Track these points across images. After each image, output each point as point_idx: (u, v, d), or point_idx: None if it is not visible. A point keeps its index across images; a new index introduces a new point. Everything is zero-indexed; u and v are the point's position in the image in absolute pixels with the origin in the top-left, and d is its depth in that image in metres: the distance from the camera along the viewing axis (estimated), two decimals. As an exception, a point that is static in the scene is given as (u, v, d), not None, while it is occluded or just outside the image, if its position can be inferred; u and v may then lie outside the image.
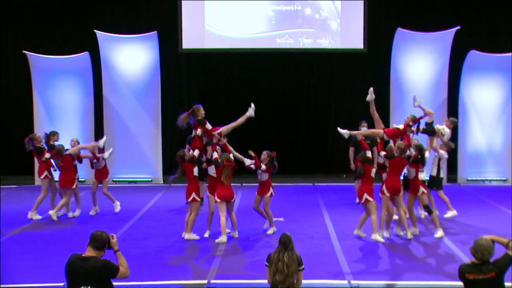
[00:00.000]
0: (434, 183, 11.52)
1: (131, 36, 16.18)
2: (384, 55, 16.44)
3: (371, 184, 10.16)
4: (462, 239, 10.01)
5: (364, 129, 12.46)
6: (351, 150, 13.03)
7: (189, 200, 10.12)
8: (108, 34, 16.18)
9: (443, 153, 11.47)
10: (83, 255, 5.33)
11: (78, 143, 12.35)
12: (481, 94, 16.24)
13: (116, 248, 5.48)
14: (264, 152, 10.50)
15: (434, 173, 11.54)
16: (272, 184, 10.64)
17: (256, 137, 17.32)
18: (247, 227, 10.70)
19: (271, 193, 10.47)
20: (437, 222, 10.33)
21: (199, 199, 10.21)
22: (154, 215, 12.22)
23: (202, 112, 10.46)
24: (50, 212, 11.63)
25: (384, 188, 10.15)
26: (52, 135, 12.05)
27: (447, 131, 11.86)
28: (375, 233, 9.91)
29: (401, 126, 10.83)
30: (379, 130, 10.89)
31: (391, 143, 10.53)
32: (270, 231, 10.49)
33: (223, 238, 9.89)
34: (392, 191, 10.07)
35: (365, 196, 10.02)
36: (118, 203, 12.27)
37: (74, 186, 11.70)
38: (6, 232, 10.64)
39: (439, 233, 10.18)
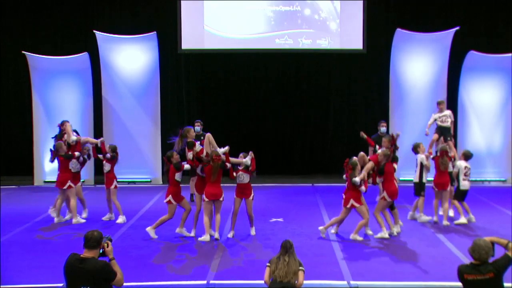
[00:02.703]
0: (418, 187, 11.50)
1: (130, 36, 16.19)
2: (383, 56, 16.46)
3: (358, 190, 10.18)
4: (461, 239, 10.03)
5: (383, 129, 13.00)
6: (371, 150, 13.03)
7: (166, 200, 10.17)
8: (108, 34, 16.19)
9: (423, 158, 11.48)
10: (81, 256, 5.34)
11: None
12: (480, 94, 16.24)
13: (111, 256, 5.46)
14: (241, 154, 10.36)
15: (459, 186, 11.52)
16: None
17: (255, 138, 17.35)
18: (246, 228, 10.67)
19: (253, 195, 10.39)
20: (397, 217, 10.64)
21: (175, 203, 10.15)
22: (153, 215, 12.17)
23: (192, 133, 10.48)
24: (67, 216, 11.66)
25: (385, 194, 10.33)
26: (62, 125, 11.92)
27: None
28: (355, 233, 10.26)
29: (380, 151, 10.87)
30: (369, 164, 10.73)
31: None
32: (252, 232, 10.47)
33: (206, 237, 9.98)
34: (394, 196, 10.35)
35: (352, 202, 10.07)
36: (124, 217, 11.59)
37: (65, 187, 11.42)
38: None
39: (395, 229, 10.43)
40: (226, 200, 10.37)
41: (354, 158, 10.35)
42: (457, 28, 15.78)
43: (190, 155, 10.25)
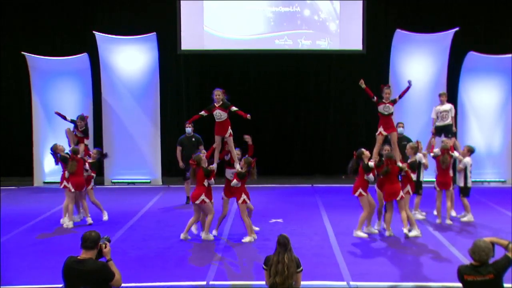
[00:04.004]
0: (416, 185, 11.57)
1: (130, 37, 16.19)
2: (383, 57, 16.45)
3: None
4: (461, 240, 10.01)
5: (400, 130, 12.65)
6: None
7: (198, 202, 10.05)
8: (107, 35, 16.19)
9: (421, 156, 11.58)
10: (79, 257, 5.34)
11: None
12: (480, 95, 16.24)
13: (108, 257, 5.46)
14: (243, 159, 10.18)
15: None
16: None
17: (255, 139, 17.30)
18: (245, 229, 10.66)
19: (244, 199, 10.09)
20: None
21: (208, 201, 10.03)
22: (153, 216, 12.21)
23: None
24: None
25: (409, 188, 10.58)
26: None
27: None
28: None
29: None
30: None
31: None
32: (245, 239, 10.11)
33: (183, 234, 10.21)
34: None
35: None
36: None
37: (61, 187, 11.48)
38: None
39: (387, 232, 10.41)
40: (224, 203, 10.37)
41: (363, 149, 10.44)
42: (457, 28, 15.78)
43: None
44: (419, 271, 8.50)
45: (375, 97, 11.10)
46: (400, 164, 10.40)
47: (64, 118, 13.34)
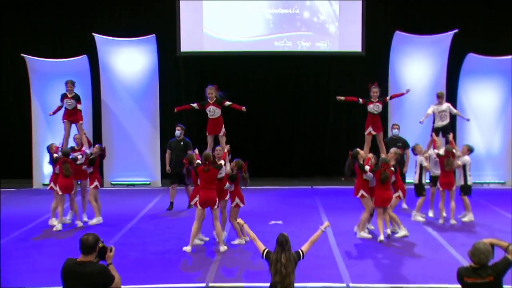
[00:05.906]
0: (418, 188, 11.71)
1: (129, 39, 16.19)
2: (382, 58, 16.44)
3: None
4: (461, 242, 10.01)
5: (395, 131, 13.09)
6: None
7: (192, 203, 10.02)
8: (107, 37, 16.19)
9: (423, 159, 11.67)
10: (78, 260, 5.32)
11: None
12: (479, 97, 16.24)
13: (110, 261, 5.43)
14: (234, 161, 9.92)
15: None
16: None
17: (255, 141, 17.35)
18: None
19: (237, 203, 9.83)
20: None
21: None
22: (152, 218, 12.21)
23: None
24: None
25: (400, 193, 10.65)
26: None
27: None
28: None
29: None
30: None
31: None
32: (235, 241, 10.04)
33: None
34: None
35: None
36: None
37: (48, 188, 11.56)
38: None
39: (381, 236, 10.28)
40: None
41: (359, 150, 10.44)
42: (456, 30, 15.78)
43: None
44: (419, 273, 8.49)
45: (361, 99, 11.16)
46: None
47: (58, 109, 12.91)
